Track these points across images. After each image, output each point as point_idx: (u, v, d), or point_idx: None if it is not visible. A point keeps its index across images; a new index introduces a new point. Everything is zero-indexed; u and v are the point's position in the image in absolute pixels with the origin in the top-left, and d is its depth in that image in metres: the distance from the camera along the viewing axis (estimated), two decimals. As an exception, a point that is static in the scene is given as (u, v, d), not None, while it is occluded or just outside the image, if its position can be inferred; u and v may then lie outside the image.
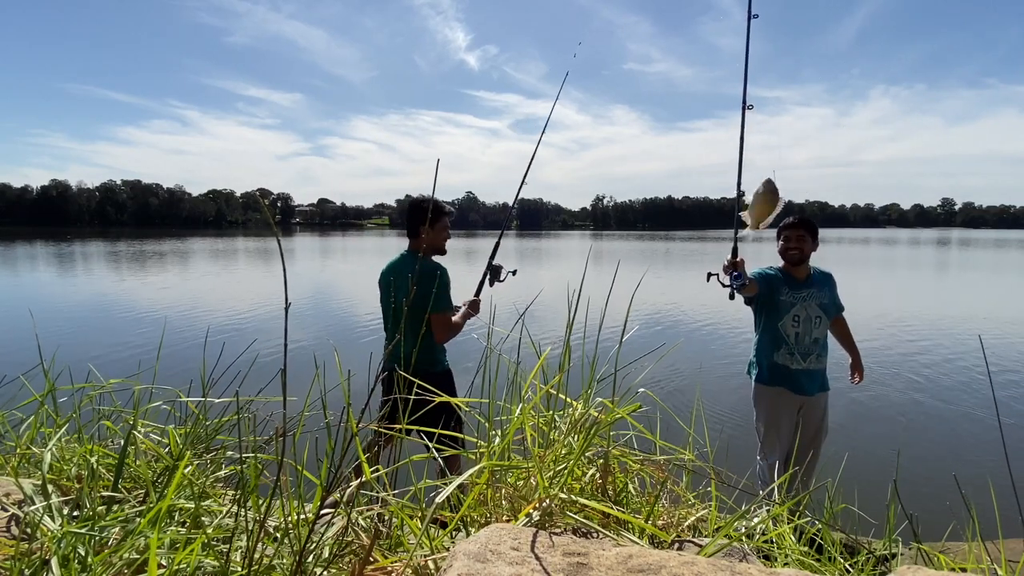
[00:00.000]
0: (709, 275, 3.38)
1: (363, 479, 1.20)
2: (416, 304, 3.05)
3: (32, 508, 1.10)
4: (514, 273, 3.61)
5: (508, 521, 1.19)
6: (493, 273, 3.58)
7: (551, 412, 1.48)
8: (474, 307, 3.43)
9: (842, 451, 3.33)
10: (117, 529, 1.07)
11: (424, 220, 3.26)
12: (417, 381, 1.64)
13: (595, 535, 1.14)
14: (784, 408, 3.44)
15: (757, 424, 3.55)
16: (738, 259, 3.28)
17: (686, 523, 1.35)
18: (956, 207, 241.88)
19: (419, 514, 1.25)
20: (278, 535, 1.15)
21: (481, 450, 1.38)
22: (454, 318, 3.27)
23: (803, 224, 3.45)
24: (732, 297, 3.39)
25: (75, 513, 1.16)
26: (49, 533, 1.03)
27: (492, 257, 3.60)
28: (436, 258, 3.39)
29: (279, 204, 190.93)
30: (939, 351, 9.07)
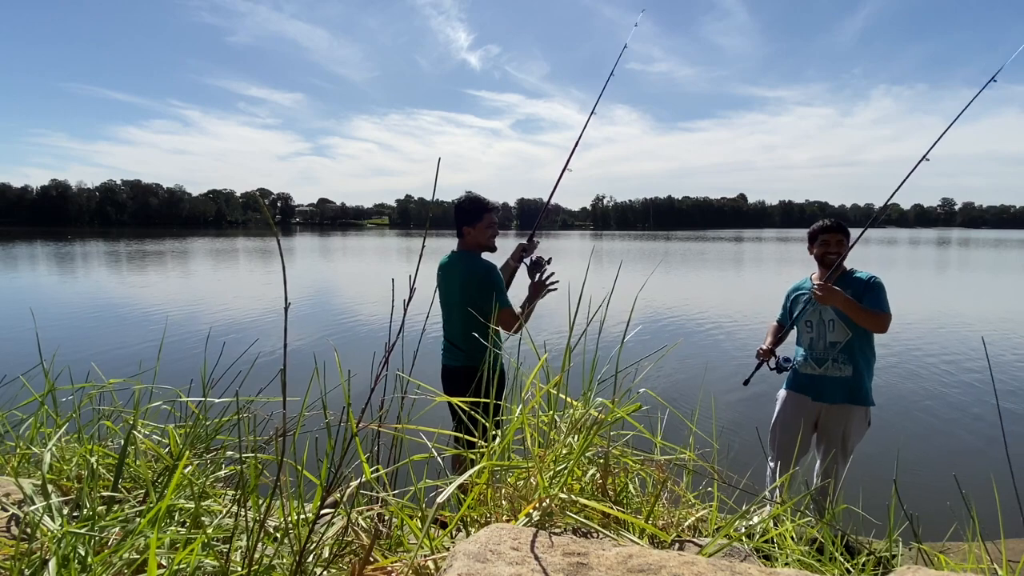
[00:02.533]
0: (762, 362, 3.55)
1: (363, 479, 1.20)
2: (468, 304, 3.06)
3: (32, 508, 1.10)
4: (549, 261, 3.39)
5: (508, 521, 1.19)
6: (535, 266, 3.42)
7: (551, 412, 1.48)
8: (537, 289, 3.23)
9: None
10: (117, 529, 1.07)
11: (466, 220, 3.22)
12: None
13: (595, 535, 1.13)
14: (796, 413, 3.42)
15: (772, 424, 3.56)
16: (769, 347, 3.51)
17: (686, 523, 1.34)
18: (956, 207, 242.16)
19: (419, 514, 1.25)
20: (278, 535, 1.15)
21: (481, 450, 1.38)
22: (518, 310, 3.16)
23: (841, 229, 3.40)
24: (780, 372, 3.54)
25: (75, 513, 1.15)
26: (49, 533, 1.03)
27: (529, 250, 3.51)
28: (486, 255, 3.31)
29: (279, 204, 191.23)
30: (939, 350, 9.07)
